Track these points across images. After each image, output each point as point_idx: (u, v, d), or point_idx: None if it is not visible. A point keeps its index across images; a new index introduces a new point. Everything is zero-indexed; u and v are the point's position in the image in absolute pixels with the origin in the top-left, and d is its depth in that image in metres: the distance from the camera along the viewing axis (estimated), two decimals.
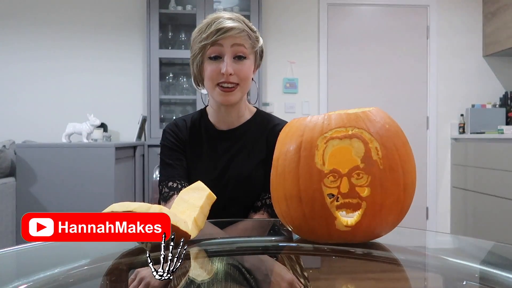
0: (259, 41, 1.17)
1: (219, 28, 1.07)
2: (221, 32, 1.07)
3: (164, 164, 1.19)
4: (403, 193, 0.69)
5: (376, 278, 0.72)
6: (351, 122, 0.70)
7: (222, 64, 1.08)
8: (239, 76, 1.10)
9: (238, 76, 1.10)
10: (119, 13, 3.63)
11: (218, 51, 1.09)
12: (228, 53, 1.09)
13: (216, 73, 1.09)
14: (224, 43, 1.08)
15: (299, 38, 3.76)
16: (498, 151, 3.06)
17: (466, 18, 3.84)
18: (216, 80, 1.10)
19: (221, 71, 1.08)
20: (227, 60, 1.08)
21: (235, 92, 1.12)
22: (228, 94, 1.11)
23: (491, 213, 3.13)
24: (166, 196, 1.14)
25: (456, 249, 0.89)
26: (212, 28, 1.07)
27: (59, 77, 3.58)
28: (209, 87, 1.13)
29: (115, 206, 0.65)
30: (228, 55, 1.09)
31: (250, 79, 1.15)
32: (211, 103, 1.22)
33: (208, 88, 1.14)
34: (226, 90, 1.10)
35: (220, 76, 1.09)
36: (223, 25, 1.07)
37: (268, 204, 1.14)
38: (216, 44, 1.08)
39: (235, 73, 1.09)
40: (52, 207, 2.38)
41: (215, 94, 1.13)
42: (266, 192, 1.15)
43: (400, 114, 3.59)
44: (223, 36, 1.07)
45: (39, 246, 0.81)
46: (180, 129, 1.22)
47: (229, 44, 1.08)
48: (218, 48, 1.08)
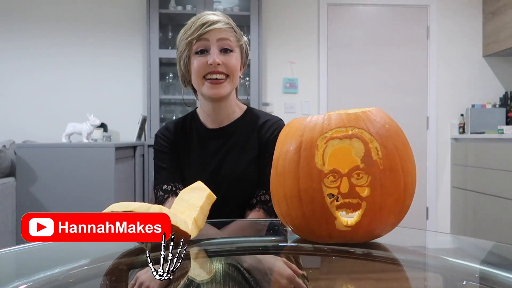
0: (243, 37, 1.18)
1: (204, 22, 1.08)
2: (207, 26, 1.08)
3: (158, 168, 1.20)
4: (403, 193, 0.69)
5: (376, 278, 0.71)
6: (351, 122, 0.70)
7: (209, 56, 1.09)
8: (227, 67, 1.11)
9: (227, 67, 1.11)
10: (119, 13, 3.63)
11: (204, 45, 1.10)
12: (215, 46, 1.10)
13: (203, 65, 1.10)
14: (209, 37, 1.09)
15: (299, 38, 3.76)
16: (498, 151, 3.06)
17: (466, 18, 3.84)
18: (203, 72, 1.10)
19: (208, 62, 1.09)
20: (213, 51, 1.09)
21: (225, 85, 1.12)
22: (218, 86, 1.11)
23: (491, 213, 3.13)
24: (162, 200, 1.14)
25: (456, 249, 0.89)
26: (197, 23, 1.09)
27: (59, 77, 3.58)
28: (197, 82, 1.13)
29: (115, 206, 0.65)
30: (214, 48, 1.09)
31: (238, 72, 1.15)
32: (201, 102, 1.22)
33: (196, 84, 1.14)
34: (215, 82, 1.10)
35: (207, 67, 1.09)
36: (208, 19, 1.08)
37: (263, 200, 1.14)
38: (202, 39, 1.09)
39: (223, 63, 1.10)
40: (52, 207, 2.38)
41: (204, 89, 1.12)
42: (261, 189, 1.15)
43: (400, 114, 3.59)
44: (208, 29, 1.08)
45: (39, 246, 0.81)
46: (171, 132, 1.22)
47: (215, 38, 1.09)
48: (204, 42, 1.09)
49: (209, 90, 1.11)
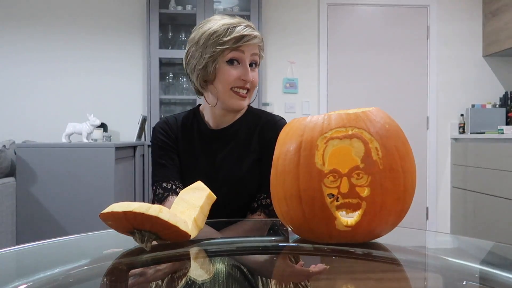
0: None
1: (244, 35, 1.08)
2: (246, 39, 1.09)
3: (156, 164, 1.18)
4: (403, 193, 0.69)
5: (376, 278, 0.71)
6: (351, 122, 0.70)
7: (242, 70, 1.11)
8: (252, 83, 1.14)
9: (252, 84, 1.14)
10: (119, 13, 3.63)
11: (238, 56, 1.10)
12: (247, 60, 1.12)
13: (235, 78, 1.11)
14: (245, 50, 1.10)
15: (299, 38, 3.76)
16: (498, 151, 3.06)
17: (466, 18, 3.84)
18: (233, 84, 1.12)
19: (242, 77, 1.10)
20: (246, 66, 1.11)
21: (247, 99, 1.15)
22: (243, 99, 1.14)
23: (491, 213, 3.13)
24: (161, 198, 1.13)
25: (456, 249, 0.89)
26: (237, 33, 1.08)
27: (59, 77, 3.58)
28: (223, 91, 1.12)
29: (115, 206, 0.65)
30: (247, 62, 1.11)
31: None
32: (212, 103, 1.17)
33: (222, 92, 1.13)
34: (242, 95, 1.13)
35: (238, 81, 1.11)
36: (248, 33, 1.09)
37: (264, 204, 1.14)
38: (238, 50, 1.10)
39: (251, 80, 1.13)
40: (52, 207, 2.38)
41: (227, 98, 1.13)
42: (262, 193, 1.15)
43: (400, 114, 3.59)
44: (248, 43, 1.09)
45: (39, 246, 0.81)
46: (170, 127, 1.20)
47: (249, 52, 1.11)
48: (239, 54, 1.10)
49: (235, 102, 1.13)
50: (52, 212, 2.38)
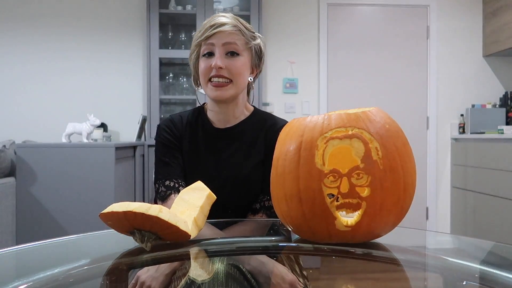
0: (256, 40, 1.18)
1: (211, 24, 1.11)
2: (213, 28, 1.10)
3: (160, 161, 1.17)
4: (403, 193, 0.69)
5: (376, 278, 0.71)
6: (351, 122, 0.70)
7: (213, 59, 1.12)
8: (230, 71, 1.12)
9: (230, 71, 1.12)
10: (119, 13, 3.63)
11: (210, 48, 1.12)
12: (220, 49, 1.11)
13: (207, 68, 1.12)
14: (215, 40, 1.11)
15: (299, 38, 3.76)
16: (498, 151, 3.06)
17: (466, 18, 3.84)
18: (207, 75, 1.13)
19: (212, 65, 1.11)
20: (217, 55, 1.11)
21: (227, 88, 1.13)
22: (220, 89, 1.12)
23: (491, 213, 3.13)
24: (164, 196, 1.13)
25: (456, 249, 0.89)
26: (207, 25, 1.12)
27: (59, 77, 3.58)
28: (202, 83, 1.16)
29: (115, 206, 0.65)
30: (219, 52, 1.11)
31: (243, 76, 1.15)
32: (208, 102, 1.23)
33: (202, 85, 1.17)
34: (217, 85, 1.12)
35: (210, 70, 1.12)
36: (215, 21, 1.11)
37: (266, 206, 1.14)
38: (208, 43, 1.11)
39: (226, 67, 1.11)
40: (52, 207, 2.38)
41: (207, 90, 1.15)
42: (265, 194, 1.14)
43: (400, 114, 3.59)
44: (214, 31, 1.10)
45: (39, 246, 0.81)
46: (175, 125, 1.20)
47: (220, 42, 1.11)
48: (209, 46, 1.12)
49: (211, 92, 1.13)
50: (52, 212, 2.38)
